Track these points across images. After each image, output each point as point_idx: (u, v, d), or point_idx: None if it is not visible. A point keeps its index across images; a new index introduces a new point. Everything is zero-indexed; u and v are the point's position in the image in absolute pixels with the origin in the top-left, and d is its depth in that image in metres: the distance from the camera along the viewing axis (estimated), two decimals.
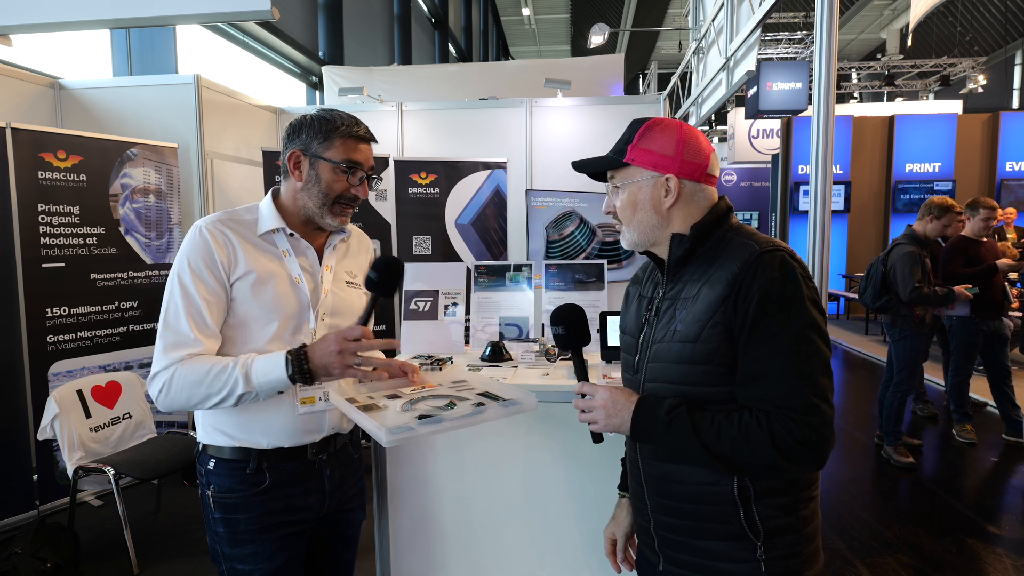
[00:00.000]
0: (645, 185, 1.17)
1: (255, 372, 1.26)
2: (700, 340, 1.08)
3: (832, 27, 1.81)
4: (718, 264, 1.10)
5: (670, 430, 1.08)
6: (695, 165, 1.15)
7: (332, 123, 1.38)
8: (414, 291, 2.52)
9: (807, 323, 1.03)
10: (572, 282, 2.55)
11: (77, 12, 2.50)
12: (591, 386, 1.20)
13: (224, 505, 1.37)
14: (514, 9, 22.38)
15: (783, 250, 1.08)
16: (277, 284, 1.36)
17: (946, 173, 9.73)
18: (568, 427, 2.02)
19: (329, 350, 1.26)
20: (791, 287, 1.04)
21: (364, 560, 2.78)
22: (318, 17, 9.46)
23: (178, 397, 1.27)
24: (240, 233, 1.36)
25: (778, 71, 6.83)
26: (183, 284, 1.29)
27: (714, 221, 1.16)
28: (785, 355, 1.02)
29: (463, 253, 4.55)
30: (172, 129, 4.03)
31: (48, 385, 3.16)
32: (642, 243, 1.21)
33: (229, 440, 1.37)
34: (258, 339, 1.35)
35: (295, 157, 1.38)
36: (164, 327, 1.29)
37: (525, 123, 5.12)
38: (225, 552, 1.39)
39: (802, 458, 1.02)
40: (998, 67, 17.92)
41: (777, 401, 1.02)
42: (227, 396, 1.26)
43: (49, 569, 2.53)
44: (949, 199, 3.91)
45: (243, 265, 1.33)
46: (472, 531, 2.10)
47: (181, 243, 1.35)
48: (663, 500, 1.19)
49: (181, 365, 1.26)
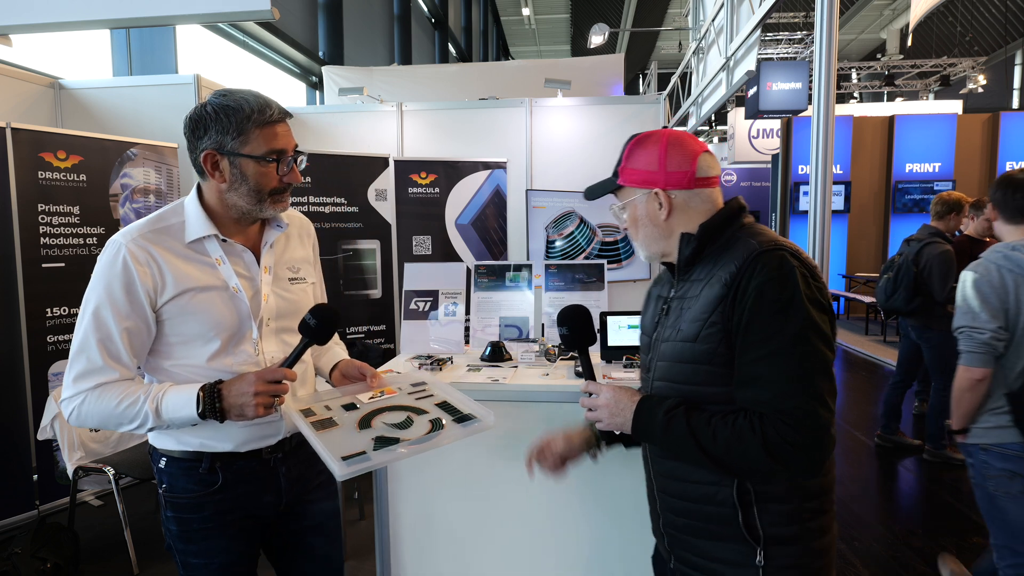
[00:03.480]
0: (640, 202, 1.21)
1: (165, 407, 1.21)
2: (699, 339, 1.09)
3: (832, 27, 1.81)
4: (721, 264, 1.10)
5: (668, 430, 1.08)
6: (680, 174, 1.16)
7: (240, 112, 1.23)
8: (414, 291, 2.52)
9: (804, 324, 1.01)
10: (572, 282, 2.55)
11: (77, 12, 2.50)
12: (596, 385, 1.23)
13: (176, 504, 1.34)
14: (514, 9, 22.37)
15: (784, 249, 1.07)
16: (212, 298, 1.28)
17: (946, 173, 9.72)
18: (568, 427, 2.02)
19: (245, 391, 1.20)
20: (789, 287, 1.02)
21: (364, 560, 2.78)
22: (318, 17, 9.45)
23: (88, 422, 1.24)
24: (166, 246, 1.26)
25: (778, 71, 6.83)
26: (97, 312, 1.22)
27: (723, 221, 1.15)
28: (780, 356, 1.01)
29: (463, 253, 4.54)
30: (172, 129, 4.03)
31: (48, 385, 3.15)
32: (653, 255, 1.24)
33: (179, 444, 1.32)
34: (199, 356, 1.29)
35: (211, 159, 1.25)
36: (75, 352, 1.24)
37: (525, 123, 5.12)
38: (179, 547, 1.37)
39: (795, 462, 1.00)
40: (998, 67, 17.91)
41: (771, 403, 1.01)
42: (139, 427, 1.23)
43: (49, 569, 2.52)
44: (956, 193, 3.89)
45: (172, 286, 1.24)
46: (472, 531, 2.09)
47: (100, 259, 1.25)
48: (669, 498, 1.20)
49: (91, 393, 1.22)
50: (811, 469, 1.02)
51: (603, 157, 5.11)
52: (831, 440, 1.02)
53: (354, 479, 3.43)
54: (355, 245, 4.24)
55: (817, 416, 0.99)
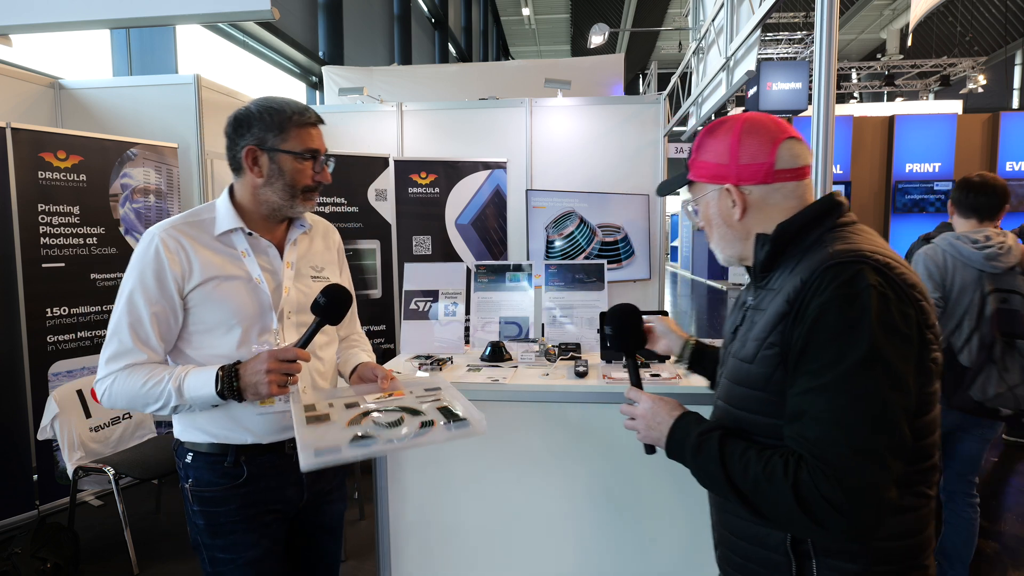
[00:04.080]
0: (711, 200, 1.07)
1: (187, 387, 1.28)
2: (755, 361, 0.96)
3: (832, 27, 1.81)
4: (795, 273, 0.95)
5: (698, 454, 0.97)
6: (755, 167, 1.00)
7: (283, 113, 1.34)
8: (414, 291, 2.52)
9: (867, 356, 0.83)
10: (572, 282, 2.55)
11: (77, 12, 2.50)
12: (637, 393, 1.14)
13: (203, 498, 1.38)
14: (514, 9, 22.37)
15: (865, 260, 0.88)
16: (236, 287, 1.35)
17: (946, 173, 9.72)
18: (568, 427, 2.02)
19: (259, 369, 1.25)
20: (858, 308, 0.84)
21: (364, 560, 2.78)
22: (318, 17, 9.45)
23: (118, 402, 1.30)
24: (195, 237, 1.34)
25: (778, 71, 6.83)
26: (130, 297, 1.30)
27: (807, 220, 0.99)
28: (828, 393, 0.84)
29: (463, 253, 4.54)
30: (172, 129, 4.03)
31: (48, 385, 3.15)
32: (730, 259, 1.09)
33: (206, 436, 1.37)
34: (221, 345, 1.35)
35: (252, 154, 1.34)
36: (109, 335, 1.31)
37: (525, 123, 5.12)
38: (206, 542, 1.40)
39: (831, 522, 0.83)
40: (998, 67, 17.92)
41: (813, 448, 0.85)
42: (163, 406, 1.28)
43: (49, 569, 2.52)
44: None
45: (198, 273, 1.32)
46: (472, 531, 2.09)
47: (136, 249, 1.34)
48: (724, 531, 1.09)
49: (120, 373, 1.29)
50: (852, 535, 0.83)
51: (603, 157, 5.12)
52: (881, 504, 0.82)
53: (354, 479, 3.43)
54: (355, 245, 4.24)
55: (861, 473, 0.81)
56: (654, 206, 5.19)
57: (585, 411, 2.00)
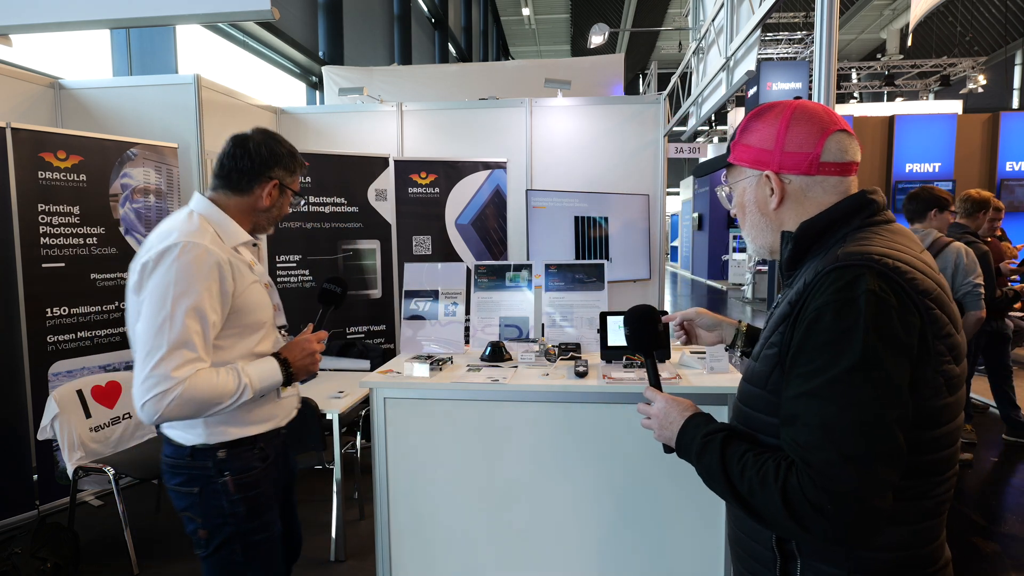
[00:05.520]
0: (749, 185, 1.04)
1: (256, 379, 1.45)
2: (759, 359, 0.97)
3: (832, 27, 1.81)
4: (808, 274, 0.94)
5: (702, 455, 0.98)
6: (800, 156, 0.97)
7: (296, 160, 1.61)
8: (414, 291, 2.52)
9: (859, 363, 0.81)
10: (572, 282, 2.55)
11: (77, 12, 2.50)
12: (653, 392, 1.14)
13: (244, 484, 1.51)
14: (514, 9, 22.37)
15: (871, 263, 0.85)
16: (258, 291, 1.52)
17: (946, 173, 9.73)
18: (568, 427, 2.02)
19: (306, 352, 1.56)
20: (853, 313, 0.82)
21: (364, 560, 2.78)
22: (318, 17, 9.45)
23: (183, 411, 1.34)
24: (225, 248, 1.46)
25: (778, 71, 6.84)
26: (197, 307, 1.35)
27: (833, 218, 0.96)
28: (817, 398, 0.84)
29: (463, 253, 4.55)
30: (172, 129, 4.03)
31: (48, 385, 3.15)
32: (760, 250, 1.06)
33: (242, 431, 1.51)
34: (247, 345, 1.49)
35: (274, 187, 1.56)
36: (172, 344, 1.32)
37: (525, 123, 5.12)
38: (244, 529, 1.51)
39: (816, 527, 0.82)
40: (998, 67, 17.92)
41: (800, 451, 0.84)
42: (235, 400, 1.41)
43: (49, 569, 2.52)
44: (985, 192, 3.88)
45: (240, 282, 1.46)
46: (472, 531, 2.09)
47: (179, 260, 1.35)
48: (732, 523, 1.10)
49: (190, 381, 1.34)
50: (837, 540, 0.83)
51: (603, 157, 5.12)
52: (869, 512, 0.81)
53: (354, 479, 3.43)
54: (355, 245, 4.24)
55: (849, 480, 0.80)
56: (654, 206, 5.19)
57: (585, 411, 2.01)
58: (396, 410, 2.10)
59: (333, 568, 2.73)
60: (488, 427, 2.06)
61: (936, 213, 3.44)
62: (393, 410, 2.10)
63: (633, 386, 1.97)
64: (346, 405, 2.75)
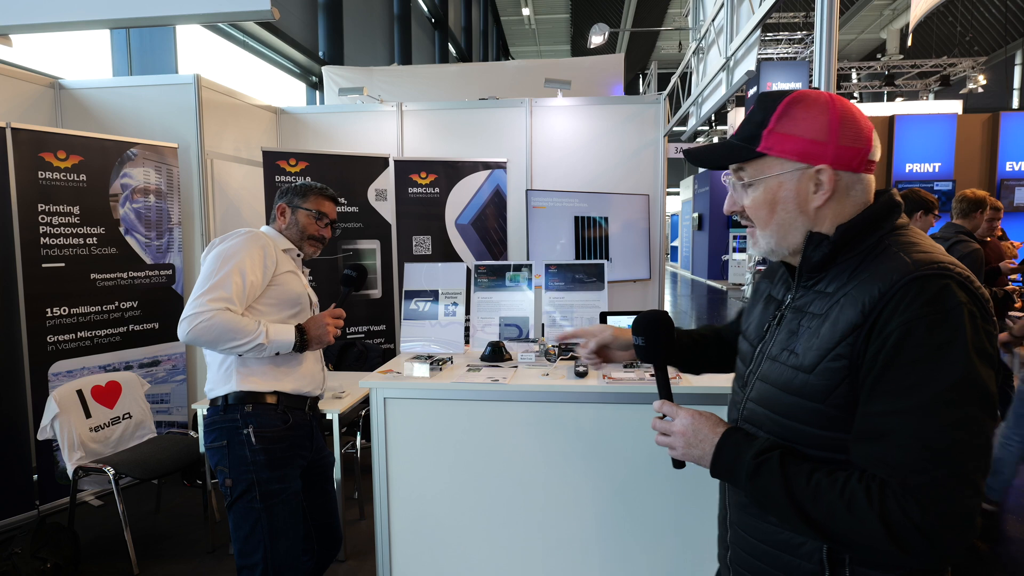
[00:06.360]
0: (788, 180, 0.93)
1: (272, 333, 1.79)
2: (815, 372, 0.89)
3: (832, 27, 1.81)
4: (860, 280, 0.88)
5: (756, 478, 0.90)
6: (855, 151, 0.90)
7: (309, 187, 2.01)
8: (414, 291, 2.52)
9: (963, 380, 0.78)
10: (572, 282, 2.55)
11: (77, 12, 2.50)
12: (672, 407, 1.04)
13: (265, 437, 1.81)
14: (514, 9, 22.38)
15: (950, 274, 0.82)
16: (296, 280, 1.93)
17: (946, 173, 9.74)
18: (568, 427, 2.02)
19: (322, 323, 1.91)
20: (948, 328, 0.79)
21: (364, 560, 2.78)
22: (318, 17, 9.45)
23: (210, 332, 1.69)
24: (275, 246, 1.89)
25: (778, 71, 6.84)
26: (239, 264, 1.76)
27: (870, 221, 0.91)
28: (920, 417, 0.79)
29: (463, 253, 4.55)
30: (172, 129, 4.03)
31: (48, 385, 3.15)
32: (781, 250, 0.98)
33: (263, 386, 1.83)
34: (280, 316, 1.88)
35: (282, 208, 2.00)
36: (213, 285, 1.72)
37: (525, 123, 5.12)
38: (263, 476, 1.79)
39: (919, 549, 0.78)
40: (998, 67, 17.92)
41: (897, 471, 0.80)
42: (248, 342, 1.73)
43: (49, 569, 2.52)
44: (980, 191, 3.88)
45: (283, 266, 1.88)
46: (472, 531, 2.10)
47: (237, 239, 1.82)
48: (743, 534, 1.03)
49: (220, 312, 1.70)
50: (938, 560, 0.79)
51: (603, 157, 5.12)
52: (973, 529, 0.78)
53: (354, 479, 3.43)
54: (355, 245, 4.25)
55: (958, 501, 0.77)
56: (654, 206, 5.19)
57: (585, 411, 2.01)
58: (396, 410, 2.10)
59: (333, 568, 2.73)
60: (488, 427, 2.06)
61: (921, 215, 3.55)
62: (393, 410, 2.10)
63: (633, 386, 1.97)
64: (346, 405, 2.75)
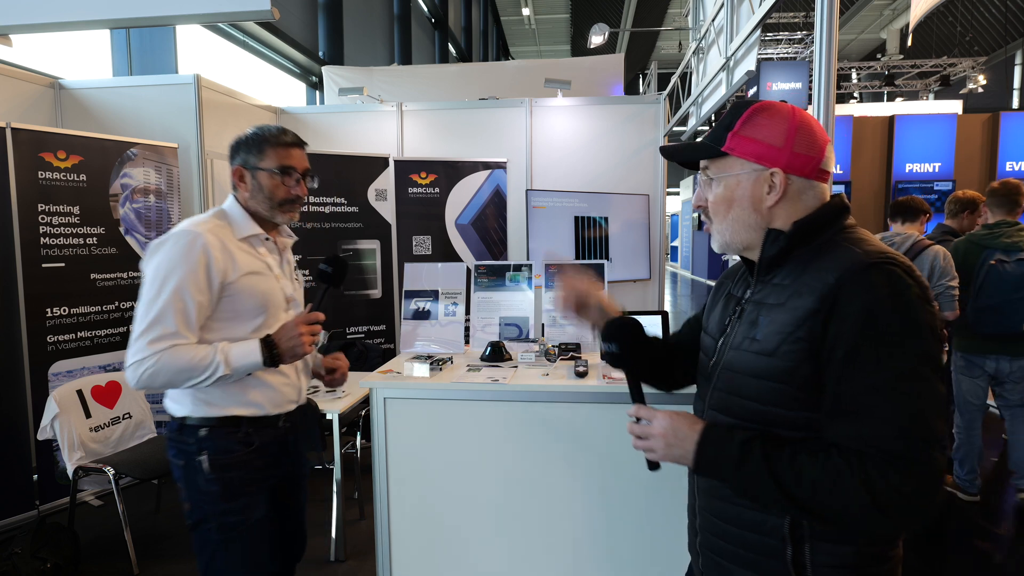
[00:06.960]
0: (745, 179, 1.03)
1: (233, 357, 1.47)
2: (778, 355, 0.96)
3: (832, 27, 1.81)
4: (813, 270, 0.97)
5: (741, 468, 0.95)
6: (807, 159, 1.00)
7: (261, 136, 1.59)
8: (414, 291, 2.52)
9: (924, 355, 0.88)
10: None
11: (77, 12, 2.50)
12: (648, 410, 1.07)
13: (221, 464, 1.54)
14: (514, 9, 22.37)
15: (897, 264, 0.92)
16: (262, 281, 1.57)
17: (946, 173, 9.73)
18: (568, 427, 2.02)
19: (293, 334, 1.50)
20: (906, 311, 0.89)
21: (364, 560, 2.78)
22: (318, 17, 9.45)
23: (158, 378, 1.43)
24: (228, 238, 1.54)
25: (778, 71, 6.84)
26: (179, 288, 1.44)
27: (822, 220, 1.01)
28: (892, 392, 0.88)
29: (463, 253, 4.55)
30: (172, 129, 4.03)
31: (48, 385, 3.15)
32: (734, 244, 1.06)
33: (221, 411, 1.55)
34: (243, 330, 1.54)
35: (239, 173, 1.60)
36: (152, 321, 1.43)
37: (525, 123, 5.12)
38: (218, 508, 1.55)
39: (904, 513, 0.87)
40: (998, 67, 17.92)
41: (877, 443, 0.88)
42: (208, 377, 1.45)
43: (49, 569, 2.52)
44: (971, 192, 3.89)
45: (237, 268, 1.51)
46: (471, 531, 2.09)
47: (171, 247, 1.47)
48: (711, 518, 1.08)
49: (165, 352, 1.42)
50: (920, 521, 0.88)
51: (603, 157, 5.12)
52: (942, 486, 0.89)
53: (354, 479, 3.43)
54: (355, 245, 4.25)
55: (932, 462, 0.87)
56: (654, 206, 5.19)
57: (585, 411, 2.01)
58: (396, 410, 2.10)
59: (333, 568, 2.73)
60: (488, 427, 2.06)
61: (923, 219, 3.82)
62: (393, 410, 2.10)
63: None
64: (346, 405, 2.75)
